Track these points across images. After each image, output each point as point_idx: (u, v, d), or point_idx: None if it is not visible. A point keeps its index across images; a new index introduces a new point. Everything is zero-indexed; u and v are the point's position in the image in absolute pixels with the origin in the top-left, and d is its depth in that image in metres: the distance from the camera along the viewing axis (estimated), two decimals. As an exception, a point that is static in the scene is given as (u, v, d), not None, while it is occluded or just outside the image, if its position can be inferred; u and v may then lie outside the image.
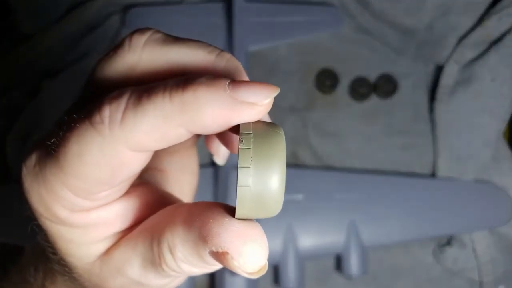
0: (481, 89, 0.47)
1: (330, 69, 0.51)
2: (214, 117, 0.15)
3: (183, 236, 0.16)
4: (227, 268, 0.16)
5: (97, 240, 0.19)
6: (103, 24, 0.53)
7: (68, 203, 0.17)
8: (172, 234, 0.17)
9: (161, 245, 0.17)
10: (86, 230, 0.19)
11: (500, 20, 0.47)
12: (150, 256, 0.18)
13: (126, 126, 0.15)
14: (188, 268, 0.17)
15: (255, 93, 0.15)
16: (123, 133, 0.15)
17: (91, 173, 0.16)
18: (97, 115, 0.15)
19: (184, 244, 0.17)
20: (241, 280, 0.43)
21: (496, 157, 0.47)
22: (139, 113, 0.15)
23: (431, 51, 0.50)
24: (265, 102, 0.15)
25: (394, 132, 0.49)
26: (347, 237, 0.45)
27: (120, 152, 0.16)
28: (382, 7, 0.50)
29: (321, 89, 0.50)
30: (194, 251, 0.16)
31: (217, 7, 0.53)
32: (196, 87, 0.15)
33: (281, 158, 0.14)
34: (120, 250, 0.19)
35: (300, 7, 0.52)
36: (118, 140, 0.15)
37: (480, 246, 0.46)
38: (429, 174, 0.48)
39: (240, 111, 0.15)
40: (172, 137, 0.16)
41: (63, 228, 0.18)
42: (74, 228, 0.19)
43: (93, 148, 0.16)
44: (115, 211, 0.19)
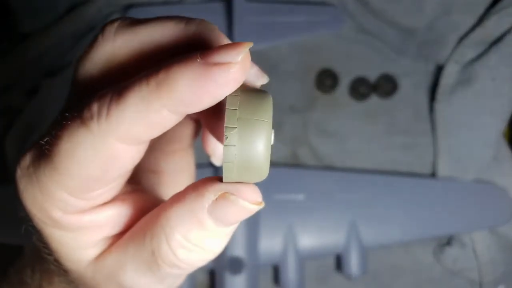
0: (481, 89, 0.47)
1: (330, 69, 0.51)
2: (191, 88, 0.14)
3: (178, 211, 0.17)
4: (228, 212, 0.16)
5: (88, 245, 0.19)
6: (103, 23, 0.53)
7: (62, 203, 0.17)
8: (167, 217, 0.17)
9: (155, 238, 0.17)
10: (78, 233, 0.19)
11: (500, 20, 0.47)
12: (144, 256, 0.18)
13: (111, 118, 0.15)
14: (186, 255, 0.17)
15: (226, 52, 0.14)
16: (110, 125, 0.15)
17: (84, 170, 0.16)
18: (86, 112, 0.16)
19: (181, 217, 0.17)
20: (242, 280, 0.43)
21: (497, 157, 0.47)
22: (121, 103, 0.15)
23: (431, 51, 0.50)
24: (238, 58, 0.14)
25: (394, 132, 0.49)
26: (347, 237, 0.45)
27: (111, 146, 0.16)
28: (382, 6, 0.50)
29: (321, 89, 0.50)
30: (193, 219, 0.16)
31: (217, 7, 0.53)
32: (169, 66, 0.15)
33: (267, 119, 0.14)
34: (112, 255, 0.19)
35: (300, 7, 0.52)
36: (107, 134, 0.15)
37: (480, 246, 0.46)
38: (429, 174, 0.48)
39: (215, 75, 0.14)
40: (159, 122, 0.15)
41: (56, 230, 0.18)
42: (67, 231, 0.18)
43: (84, 144, 0.16)
44: (108, 216, 0.19)
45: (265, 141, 0.15)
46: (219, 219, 0.16)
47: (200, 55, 0.15)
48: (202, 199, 0.16)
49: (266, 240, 0.45)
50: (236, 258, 0.43)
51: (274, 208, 0.46)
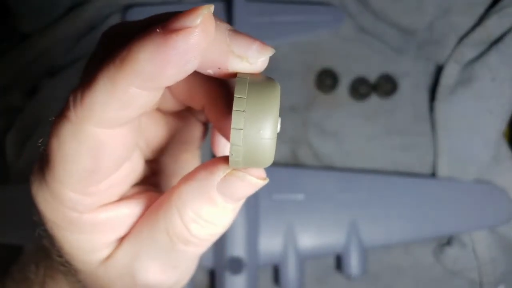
0: (481, 89, 0.47)
1: (330, 68, 0.51)
2: (152, 60, 0.14)
3: (189, 189, 0.17)
4: (235, 187, 0.16)
5: (102, 246, 0.19)
6: (103, 24, 0.53)
7: (70, 203, 0.17)
8: (179, 195, 0.17)
9: (168, 216, 0.18)
10: (92, 235, 0.19)
11: (500, 19, 0.47)
12: (158, 237, 0.18)
13: (85, 104, 0.15)
14: (198, 230, 0.17)
15: (184, 18, 0.14)
16: (84, 112, 0.15)
17: (76, 163, 0.16)
18: (65, 105, 0.16)
19: (192, 194, 0.17)
20: (242, 280, 0.43)
21: (497, 157, 0.47)
22: (92, 87, 0.15)
23: (431, 51, 0.50)
24: (197, 21, 0.14)
25: (394, 132, 0.49)
26: (348, 237, 0.45)
27: (92, 133, 0.15)
28: (382, 6, 0.50)
29: (322, 89, 0.50)
30: (204, 196, 0.17)
31: (217, 7, 0.53)
32: (131, 43, 0.15)
33: (275, 106, 0.15)
34: (123, 249, 0.19)
35: (300, 7, 0.52)
36: (84, 120, 0.15)
37: (480, 246, 0.46)
38: (429, 174, 0.48)
39: (174, 42, 0.14)
40: (129, 100, 0.15)
41: (70, 234, 0.18)
42: (81, 233, 0.19)
43: (68, 136, 0.16)
44: (120, 215, 0.19)
45: (272, 127, 0.15)
46: (228, 195, 0.17)
47: (160, 26, 0.14)
48: (213, 177, 0.16)
49: (266, 240, 0.45)
50: (236, 258, 0.43)
51: (274, 208, 0.46)
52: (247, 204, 0.44)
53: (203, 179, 0.17)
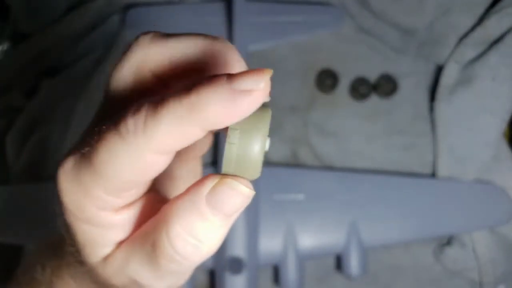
0: (481, 88, 0.47)
1: (330, 69, 0.51)
2: (220, 112, 0.16)
3: (180, 204, 0.18)
4: (225, 197, 0.18)
5: (111, 242, 0.21)
6: (103, 24, 0.53)
7: (100, 202, 0.19)
8: (170, 210, 0.18)
9: (156, 230, 0.19)
10: (106, 231, 0.20)
11: (500, 20, 0.47)
12: (146, 248, 0.19)
13: (147, 133, 0.17)
14: (183, 248, 0.18)
15: (251, 80, 0.16)
16: (146, 139, 0.17)
17: (121, 175, 0.18)
18: (123, 127, 0.17)
19: (182, 209, 0.18)
20: (242, 280, 0.43)
21: (497, 157, 0.47)
22: (157, 120, 0.17)
23: (432, 51, 0.50)
24: (260, 86, 0.16)
25: (395, 132, 0.49)
26: (348, 237, 0.45)
27: (145, 156, 0.17)
28: (382, 6, 0.50)
29: (322, 89, 0.50)
30: (193, 209, 0.18)
31: (217, 7, 0.53)
32: (199, 88, 0.17)
33: (265, 127, 0.18)
34: (121, 251, 0.21)
35: (300, 7, 0.52)
36: (143, 146, 0.17)
37: (480, 246, 0.46)
38: (429, 174, 0.48)
39: (241, 101, 0.16)
40: (190, 137, 0.17)
41: (86, 226, 0.20)
42: (97, 227, 0.20)
43: (121, 155, 0.17)
44: (132, 215, 0.21)
45: (260, 144, 0.17)
46: (217, 207, 0.18)
47: (226, 80, 0.16)
48: (202, 187, 0.18)
49: (266, 240, 0.45)
50: (236, 258, 0.43)
51: (274, 208, 0.46)
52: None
53: (193, 192, 0.18)
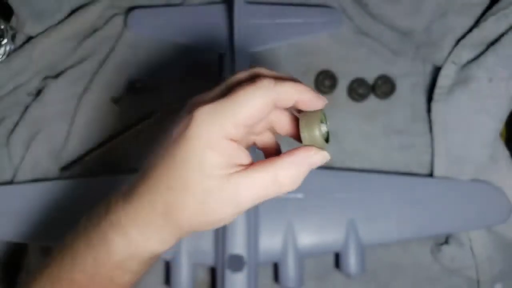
0: (478, 89, 0.47)
1: (329, 70, 0.51)
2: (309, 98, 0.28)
3: (294, 158, 0.27)
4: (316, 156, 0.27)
5: (235, 162, 0.27)
6: (106, 25, 0.54)
7: (227, 132, 0.25)
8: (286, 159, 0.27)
9: (276, 168, 0.27)
10: (230, 152, 0.26)
11: (497, 21, 0.47)
12: (269, 175, 0.26)
13: (276, 88, 0.26)
14: (290, 180, 0.27)
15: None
16: (273, 91, 0.26)
17: (251, 112, 0.25)
18: (261, 82, 0.26)
19: (295, 162, 0.27)
20: (242, 277, 0.43)
21: (493, 157, 0.48)
22: (282, 83, 0.26)
23: (429, 52, 0.50)
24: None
25: (392, 132, 0.50)
26: (346, 235, 0.45)
27: (269, 101, 0.26)
28: (380, 9, 0.50)
29: (320, 90, 0.51)
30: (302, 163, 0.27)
31: (218, 9, 0.53)
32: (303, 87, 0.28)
33: (317, 119, 0.28)
34: (244, 173, 0.27)
35: (299, 9, 0.53)
36: (270, 94, 0.26)
37: (478, 245, 0.47)
38: (427, 173, 0.49)
39: (320, 100, 0.29)
40: (285, 103, 0.27)
41: (226, 141, 0.26)
42: (234, 144, 0.26)
43: (257, 97, 0.25)
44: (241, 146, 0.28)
45: (318, 130, 0.27)
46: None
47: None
48: (309, 152, 0.27)
49: (266, 238, 0.46)
50: (237, 256, 0.44)
51: (273, 206, 0.46)
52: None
53: (303, 154, 0.27)
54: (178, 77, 0.52)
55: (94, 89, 0.51)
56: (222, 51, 0.52)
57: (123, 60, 0.53)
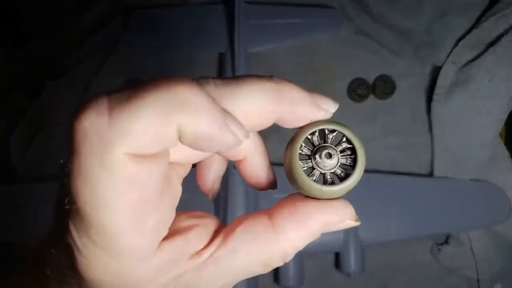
0: (478, 89, 0.47)
1: (329, 70, 0.51)
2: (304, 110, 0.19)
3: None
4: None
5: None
6: (106, 26, 0.54)
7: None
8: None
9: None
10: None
11: (497, 22, 0.47)
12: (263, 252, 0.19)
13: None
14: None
15: (331, 103, 0.19)
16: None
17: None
18: (205, 82, 0.18)
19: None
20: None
21: (493, 157, 0.48)
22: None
23: (429, 53, 0.50)
24: (332, 111, 0.19)
25: (392, 132, 0.50)
26: (346, 235, 0.45)
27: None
28: (380, 9, 0.50)
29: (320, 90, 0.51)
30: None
31: (218, 9, 0.53)
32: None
33: (297, 145, 0.18)
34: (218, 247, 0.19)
35: (299, 9, 0.53)
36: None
37: (477, 245, 0.47)
38: (426, 173, 0.49)
39: (319, 112, 0.19)
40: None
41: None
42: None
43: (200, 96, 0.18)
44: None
45: (298, 166, 0.18)
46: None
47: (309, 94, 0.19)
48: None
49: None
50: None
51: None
52: (247, 203, 0.45)
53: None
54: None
55: (94, 89, 0.51)
56: (222, 51, 0.52)
57: (123, 60, 0.53)
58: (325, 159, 0.18)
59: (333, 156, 0.18)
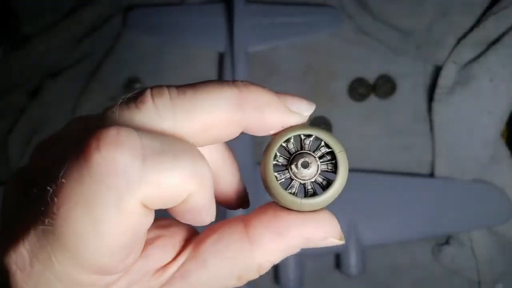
0: (479, 89, 0.47)
1: (329, 69, 0.51)
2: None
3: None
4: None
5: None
6: (105, 25, 0.54)
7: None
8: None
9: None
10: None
11: (498, 21, 0.47)
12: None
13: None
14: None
15: (304, 105, 0.17)
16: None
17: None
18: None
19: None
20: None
21: (495, 157, 0.48)
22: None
23: (430, 52, 0.50)
24: (307, 114, 0.17)
25: (393, 132, 0.50)
26: (347, 236, 0.45)
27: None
28: (381, 8, 0.50)
29: (321, 90, 0.51)
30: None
31: (217, 8, 0.53)
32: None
33: (271, 153, 0.17)
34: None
35: (299, 8, 0.53)
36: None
37: (479, 246, 0.47)
38: (428, 174, 0.49)
39: (291, 116, 0.17)
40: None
41: None
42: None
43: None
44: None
45: (272, 176, 0.17)
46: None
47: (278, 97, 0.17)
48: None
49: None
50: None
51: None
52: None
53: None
54: (178, 76, 0.52)
55: (93, 89, 0.51)
56: (221, 50, 0.52)
57: (122, 59, 0.52)
58: (302, 169, 0.16)
59: (311, 164, 0.16)
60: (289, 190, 0.17)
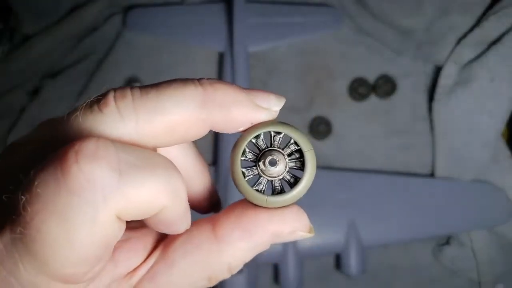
0: (480, 89, 0.47)
1: (329, 69, 0.51)
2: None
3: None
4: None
5: None
6: (104, 25, 0.54)
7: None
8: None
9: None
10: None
11: (499, 20, 0.47)
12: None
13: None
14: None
15: (272, 100, 0.17)
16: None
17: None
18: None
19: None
20: (242, 279, 0.43)
21: (495, 157, 0.47)
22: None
23: (430, 52, 0.50)
24: (277, 109, 0.17)
25: (393, 132, 0.50)
26: (347, 236, 0.45)
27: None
28: (381, 8, 0.50)
29: (321, 89, 0.51)
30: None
31: (217, 8, 0.53)
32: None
33: (240, 149, 0.17)
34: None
35: (299, 8, 0.53)
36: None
37: (479, 246, 0.46)
38: (428, 174, 0.48)
39: (260, 113, 0.17)
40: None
41: None
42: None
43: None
44: None
45: (239, 172, 0.17)
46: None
47: (246, 93, 0.17)
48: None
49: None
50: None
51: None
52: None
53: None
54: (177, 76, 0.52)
55: (93, 89, 0.51)
56: (221, 50, 0.52)
57: (122, 59, 0.52)
58: (269, 167, 0.16)
59: (279, 162, 0.16)
60: (256, 186, 0.17)
